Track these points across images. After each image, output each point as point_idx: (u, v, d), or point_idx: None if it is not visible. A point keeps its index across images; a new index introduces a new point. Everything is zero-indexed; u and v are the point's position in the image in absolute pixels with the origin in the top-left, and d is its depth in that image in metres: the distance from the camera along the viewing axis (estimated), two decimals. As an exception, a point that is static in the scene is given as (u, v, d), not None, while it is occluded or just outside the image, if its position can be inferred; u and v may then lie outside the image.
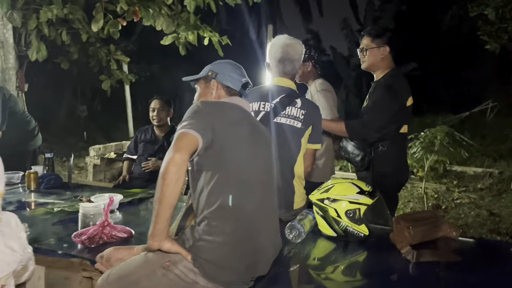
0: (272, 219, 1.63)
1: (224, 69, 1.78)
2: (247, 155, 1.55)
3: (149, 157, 3.70)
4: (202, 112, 1.54)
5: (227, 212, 1.46)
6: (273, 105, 2.25)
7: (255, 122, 1.72)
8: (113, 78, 6.61)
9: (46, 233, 1.88)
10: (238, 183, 1.49)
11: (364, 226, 1.95)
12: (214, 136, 1.47)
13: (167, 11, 5.50)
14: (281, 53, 2.31)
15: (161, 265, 1.45)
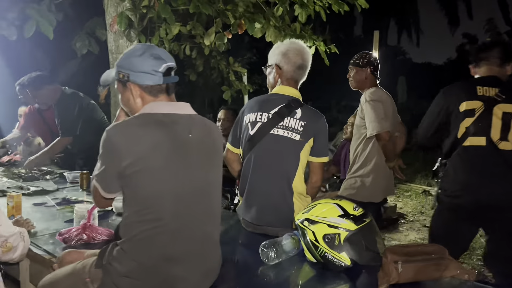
0: (199, 243, 1.51)
1: (134, 65, 1.47)
2: (165, 180, 1.40)
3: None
4: (108, 151, 1.40)
5: (137, 244, 1.42)
6: (270, 115, 2.09)
7: (181, 134, 1.47)
8: (233, 89, 7.03)
9: (49, 229, 2.09)
10: (155, 214, 1.40)
11: (345, 255, 1.66)
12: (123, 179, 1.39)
13: (275, 23, 5.58)
14: (302, 60, 2.15)
15: (83, 281, 1.49)
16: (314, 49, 5.55)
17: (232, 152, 2.22)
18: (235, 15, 5.46)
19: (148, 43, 1.49)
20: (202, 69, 7.26)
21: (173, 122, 1.45)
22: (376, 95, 2.71)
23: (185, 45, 6.54)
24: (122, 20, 4.69)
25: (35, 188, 2.75)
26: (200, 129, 1.52)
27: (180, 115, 1.49)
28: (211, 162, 1.55)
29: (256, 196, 2.07)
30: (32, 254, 1.81)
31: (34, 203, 2.50)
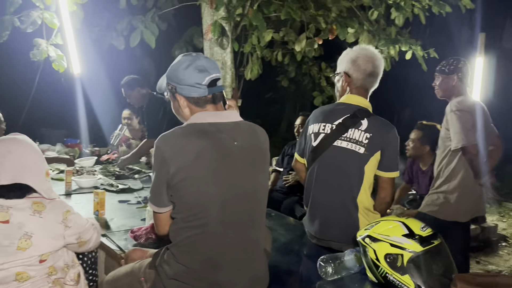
0: (245, 250, 1.49)
1: (180, 78, 1.49)
2: (210, 188, 1.42)
3: (291, 171, 3.75)
4: (157, 160, 1.43)
5: (184, 249, 1.45)
6: (334, 126, 1.98)
7: (226, 142, 1.46)
8: (325, 94, 6.94)
9: (126, 226, 2.24)
10: (201, 220, 1.43)
11: (408, 278, 1.52)
12: (170, 188, 1.42)
13: (369, 27, 5.43)
14: (373, 67, 2.03)
15: (138, 279, 1.57)
16: (411, 54, 5.26)
17: (299, 161, 2.17)
18: (327, 20, 5.39)
19: (197, 53, 1.48)
20: (294, 75, 7.28)
21: (218, 130, 1.46)
22: (464, 105, 2.45)
23: (278, 52, 6.61)
24: (216, 29, 4.88)
25: (123, 186, 2.98)
26: (245, 136, 1.52)
27: (225, 123, 1.50)
28: (257, 168, 1.53)
29: (319, 209, 2.00)
30: (107, 248, 1.96)
31: (119, 200, 2.71)
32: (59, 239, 1.69)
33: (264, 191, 1.57)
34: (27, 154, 1.69)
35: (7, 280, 1.58)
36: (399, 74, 7.25)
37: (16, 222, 1.59)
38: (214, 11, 5.33)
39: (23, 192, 1.64)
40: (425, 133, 3.37)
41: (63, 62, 3.95)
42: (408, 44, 5.32)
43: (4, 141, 1.70)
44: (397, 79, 8.25)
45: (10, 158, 1.63)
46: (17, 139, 1.73)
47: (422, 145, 3.39)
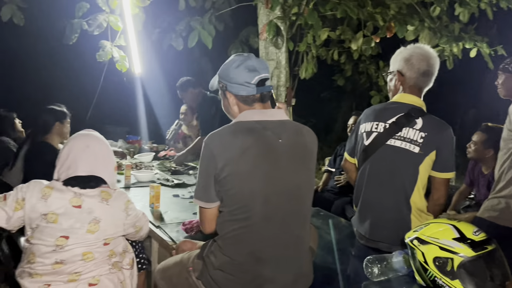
0: (288, 246, 1.51)
1: (230, 76, 1.55)
2: (254, 183, 1.46)
3: (343, 172, 3.70)
4: (206, 157, 1.49)
5: (229, 241, 1.50)
6: (387, 125, 1.94)
7: (271, 139, 1.49)
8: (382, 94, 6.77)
9: (178, 218, 2.32)
10: (246, 214, 1.47)
11: (458, 283, 1.47)
12: (218, 182, 1.47)
13: (430, 24, 5.25)
14: (427, 66, 1.97)
15: (187, 269, 1.63)
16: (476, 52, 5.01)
17: (348, 161, 2.15)
18: (385, 18, 5.25)
19: (249, 53, 1.52)
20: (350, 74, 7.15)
21: (263, 128, 1.50)
22: None
23: (334, 50, 6.53)
24: (271, 28, 4.92)
25: (178, 181, 3.10)
26: (290, 134, 1.54)
27: (271, 121, 1.53)
28: (302, 166, 1.55)
29: (370, 209, 1.97)
30: (160, 239, 2.06)
31: (173, 194, 2.83)
32: (121, 226, 1.84)
33: (309, 189, 1.59)
34: (102, 149, 1.86)
35: (74, 260, 1.73)
36: (463, 73, 6.90)
37: (86, 208, 1.74)
38: (270, 10, 5.37)
39: (97, 183, 1.80)
40: (489, 136, 3.18)
41: (126, 63, 4.17)
42: (472, 41, 5.06)
43: (83, 136, 1.87)
44: (462, 78, 7.85)
45: (88, 152, 1.81)
46: (93, 135, 1.90)
47: (485, 148, 3.20)
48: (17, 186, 1.77)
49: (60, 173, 1.79)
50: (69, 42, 4.11)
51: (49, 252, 1.71)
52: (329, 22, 6.18)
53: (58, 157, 1.83)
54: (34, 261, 1.71)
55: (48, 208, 1.70)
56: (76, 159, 1.78)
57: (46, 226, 1.70)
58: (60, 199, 1.72)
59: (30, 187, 1.74)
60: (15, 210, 1.72)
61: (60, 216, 1.70)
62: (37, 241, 1.71)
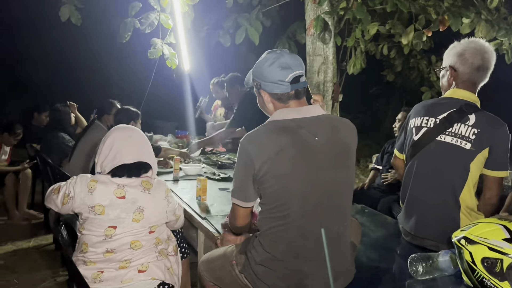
0: (328, 242, 1.49)
1: (264, 75, 1.53)
2: (291, 182, 1.45)
3: (390, 169, 3.62)
4: (243, 158, 1.49)
5: (269, 238, 1.51)
6: (438, 120, 1.88)
7: (307, 137, 1.48)
8: (434, 89, 6.54)
9: (224, 211, 2.34)
10: (284, 212, 1.47)
11: (507, 285, 1.41)
12: (256, 182, 1.49)
13: (487, 16, 5.03)
14: (482, 60, 1.90)
15: (230, 262, 1.66)
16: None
17: (398, 157, 2.10)
18: (438, 11, 5.07)
19: (282, 50, 1.51)
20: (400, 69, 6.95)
21: (298, 126, 1.49)
22: None
23: (383, 45, 6.38)
24: (318, 23, 4.88)
25: (224, 175, 3.16)
26: (326, 131, 1.52)
27: (306, 118, 1.52)
28: (340, 163, 1.52)
29: (416, 205, 1.92)
30: (206, 230, 2.12)
31: (219, 188, 2.88)
32: (163, 213, 1.92)
33: (348, 185, 1.57)
34: (143, 139, 1.96)
35: (123, 248, 1.82)
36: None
37: (130, 198, 1.82)
38: (318, 5, 5.32)
39: (141, 171, 1.88)
40: None
41: (175, 60, 4.30)
42: (533, 33, 4.78)
43: (122, 128, 1.98)
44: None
45: (131, 142, 1.90)
46: (131, 127, 2.00)
47: None
48: (67, 180, 1.88)
49: (104, 165, 1.87)
50: (122, 41, 4.28)
51: (100, 242, 1.81)
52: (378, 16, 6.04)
53: (98, 152, 1.91)
54: (86, 250, 1.82)
55: (94, 200, 1.79)
56: (120, 149, 1.86)
57: (94, 218, 1.79)
58: (104, 191, 1.80)
59: (78, 182, 1.83)
60: (63, 204, 1.83)
61: (106, 208, 1.79)
62: (88, 232, 1.82)
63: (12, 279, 3.02)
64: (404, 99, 8.44)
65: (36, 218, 4.26)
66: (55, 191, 1.88)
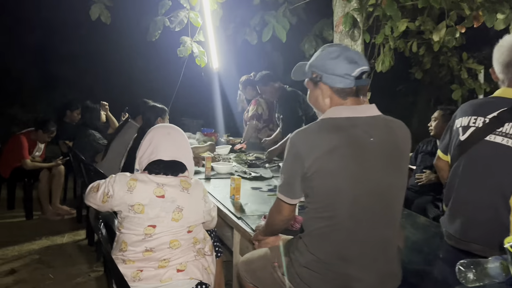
0: (376, 246, 1.45)
1: (328, 67, 1.47)
2: (341, 182, 1.41)
3: (424, 169, 3.54)
4: (293, 155, 1.45)
5: (315, 239, 1.48)
6: (487, 120, 1.81)
7: (361, 137, 1.43)
8: (465, 88, 6.38)
9: (259, 211, 2.33)
10: (331, 212, 1.44)
11: None
12: (305, 181, 1.45)
13: (524, 11, 4.86)
14: (509, 56, 1.83)
15: (272, 264, 1.64)
16: None
17: (442, 159, 2.04)
18: (472, 6, 4.93)
19: (343, 45, 1.46)
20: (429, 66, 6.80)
21: (352, 125, 1.44)
22: None
23: (412, 42, 6.25)
24: (347, 20, 4.80)
25: (255, 174, 3.15)
26: (382, 131, 1.47)
27: (361, 118, 1.46)
28: (393, 165, 1.47)
29: (462, 208, 1.86)
30: (242, 230, 2.11)
31: (252, 187, 2.88)
32: (201, 213, 1.91)
33: (401, 190, 1.52)
34: (182, 137, 1.97)
35: (162, 247, 1.82)
36: None
37: (169, 197, 1.82)
38: (346, 2, 5.25)
39: (177, 170, 1.88)
40: None
41: (204, 58, 4.30)
42: None
43: (163, 126, 2.00)
44: None
45: (170, 139, 1.91)
46: (172, 125, 2.01)
47: None
48: (107, 178, 1.90)
49: (142, 160, 1.89)
50: (152, 39, 4.30)
51: (139, 241, 1.81)
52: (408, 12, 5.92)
53: (139, 148, 1.93)
54: (126, 249, 1.83)
55: (134, 199, 1.80)
56: (158, 145, 1.87)
57: (134, 217, 1.80)
58: (144, 190, 1.81)
59: (117, 180, 1.84)
60: (103, 202, 1.85)
61: (146, 207, 1.79)
62: (127, 231, 1.83)
63: (47, 273, 3.09)
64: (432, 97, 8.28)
65: (69, 214, 4.34)
66: (94, 189, 1.90)
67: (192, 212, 1.87)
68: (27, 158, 4.20)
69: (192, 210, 1.87)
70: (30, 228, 3.96)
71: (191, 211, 1.87)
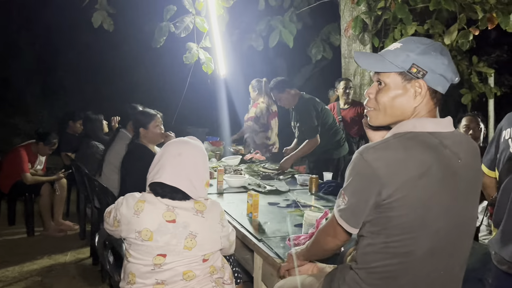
0: (444, 284, 1.26)
1: (437, 65, 1.19)
2: (428, 213, 1.17)
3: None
4: (366, 178, 1.17)
5: (377, 276, 1.24)
6: None
7: (451, 158, 1.19)
8: (475, 92, 6.23)
9: (281, 231, 2.07)
10: (410, 248, 1.19)
11: None
12: (378, 208, 1.19)
13: (538, 13, 4.74)
14: None
15: None
16: None
17: (487, 175, 1.85)
18: (485, 8, 4.79)
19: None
20: (438, 71, 6.66)
21: (441, 144, 1.20)
22: None
23: (421, 46, 6.10)
24: (357, 24, 4.64)
25: (270, 188, 2.96)
26: (468, 153, 1.24)
27: (446, 134, 1.22)
28: (475, 193, 1.27)
29: (516, 230, 1.68)
30: (265, 255, 1.90)
31: (268, 202, 2.59)
32: (218, 239, 1.70)
33: (476, 222, 1.33)
34: (195, 162, 1.70)
35: (175, 279, 1.62)
36: None
37: (181, 222, 1.59)
38: (354, 6, 5.11)
39: (185, 195, 1.65)
40: None
41: (212, 65, 4.14)
42: None
43: (179, 143, 1.75)
44: None
45: (179, 161, 1.67)
46: (191, 143, 1.75)
47: None
48: (117, 200, 1.70)
49: (148, 178, 1.68)
50: (157, 45, 4.15)
51: (149, 272, 1.61)
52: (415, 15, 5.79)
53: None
54: (134, 281, 1.62)
55: (141, 224, 1.59)
56: (164, 165, 1.66)
57: (142, 244, 1.59)
58: (152, 214, 1.61)
59: (124, 203, 1.65)
60: (115, 227, 1.67)
61: (155, 233, 1.59)
62: (135, 260, 1.62)
63: (50, 296, 2.90)
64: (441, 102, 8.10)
65: (72, 229, 4.16)
66: (108, 214, 1.72)
67: (207, 239, 1.65)
68: (27, 172, 4.02)
69: (207, 236, 1.65)
70: (31, 246, 3.77)
71: (206, 237, 1.65)
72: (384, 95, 1.25)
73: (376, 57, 1.28)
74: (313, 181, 2.92)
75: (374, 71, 1.27)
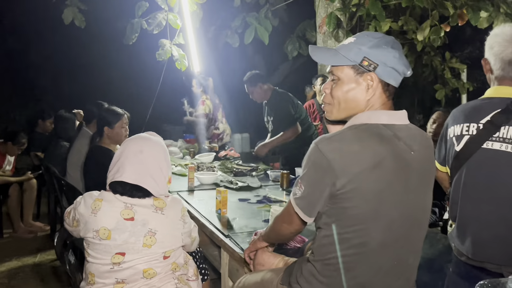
0: (400, 278, 1.27)
1: (389, 58, 1.21)
2: (380, 204, 1.18)
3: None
4: (321, 168, 1.18)
5: (332, 267, 1.23)
6: (481, 126, 1.63)
7: (403, 150, 1.21)
8: (448, 87, 6.33)
9: (248, 227, 2.09)
10: (363, 238, 1.20)
11: None
12: (332, 199, 1.19)
13: (506, 9, 4.83)
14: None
15: None
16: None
17: (440, 170, 1.87)
18: (455, 5, 4.86)
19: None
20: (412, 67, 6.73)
21: (395, 136, 1.21)
22: None
23: (395, 42, 6.16)
24: (331, 21, 4.68)
25: (242, 184, 2.95)
26: (420, 145, 1.25)
27: (399, 126, 1.24)
28: (428, 185, 1.29)
29: (470, 225, 1.67)
30: (231, 251, 1.89)
31: (239, 198, 2.59)
32: (179, 236, 1.68)
33: (429, 213, 1.34)
34: (156, 158, 1.67)
35: (135, 278, 1.59)
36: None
37: (140, 219, 1.57)
38: (329, 2, 5.13)
39: (146, 193, 1.62)
40: None
41: (185, 61, 4.10)
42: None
43: (140, 140, 1.71)
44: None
45: (140, 159, 1.63)
46: (152, 140, 1.72)
47: None
48: (76, 199, 1.66)
49: (108, 176, 1.64)
50: (129, 42, 4.09)
51: (108, 272, 1.58)
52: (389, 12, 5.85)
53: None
54: (93, 281, 1.59)
55: (99, 223, 1.55)
56: (125, 163, 1.62)
57: (100, 244, 1.56)
58: (110, 212, 1.57)
59: (82, 202, 1.61)
60: (74, 226, 1.64)
61: (112, 232, 1.56)
62: (94, 260, 1.59)
63: (17, 300, 2.83)
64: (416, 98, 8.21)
65: (42, 230, 4.07)
66: (67, 214, 1.68)
67: (168, 236, 1.63)
68: (-4, 172, 3.92)
69: (167, 233, 1.62)
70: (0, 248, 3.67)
71: (166, 234, 1.62)
72: (338, 89, 1.27)
73: (331, 51, 1.30)
74: (285, 177, 2.91)
75: (327, 64, 1.29)
